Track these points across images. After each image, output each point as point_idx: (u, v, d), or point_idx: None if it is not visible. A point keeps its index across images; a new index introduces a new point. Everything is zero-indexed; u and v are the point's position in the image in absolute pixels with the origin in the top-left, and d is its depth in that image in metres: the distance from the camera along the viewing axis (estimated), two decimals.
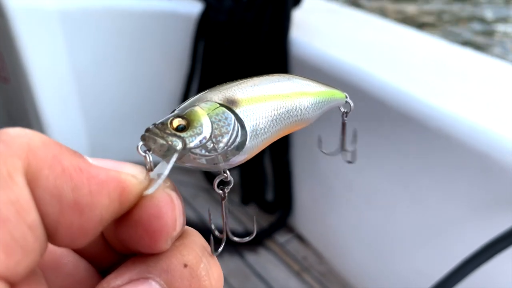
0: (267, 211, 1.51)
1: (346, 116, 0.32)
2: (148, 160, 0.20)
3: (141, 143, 0.21)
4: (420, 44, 1.26)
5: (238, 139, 0.22)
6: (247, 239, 0.25)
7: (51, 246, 0.21)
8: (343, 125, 0.32)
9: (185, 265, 0.19)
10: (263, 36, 1.30)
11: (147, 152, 0.21)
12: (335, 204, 1.31)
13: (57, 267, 0.21)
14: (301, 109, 0.26)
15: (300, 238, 1.45)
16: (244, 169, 1.48)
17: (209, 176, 1.61)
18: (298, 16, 1.32)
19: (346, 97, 0.31)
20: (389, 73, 1.06)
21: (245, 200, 1.55)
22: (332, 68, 1.14)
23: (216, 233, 0.24)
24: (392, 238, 1.14)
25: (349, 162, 0.33)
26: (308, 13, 1.39)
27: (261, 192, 1.51)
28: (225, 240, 0.24)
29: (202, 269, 0.20)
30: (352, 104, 0.31)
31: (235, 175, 1.46)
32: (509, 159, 0.82)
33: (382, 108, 1.02)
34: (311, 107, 0.27)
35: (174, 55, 1.56)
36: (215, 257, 0.22)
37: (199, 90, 1.54)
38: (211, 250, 0.22)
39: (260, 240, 1.45)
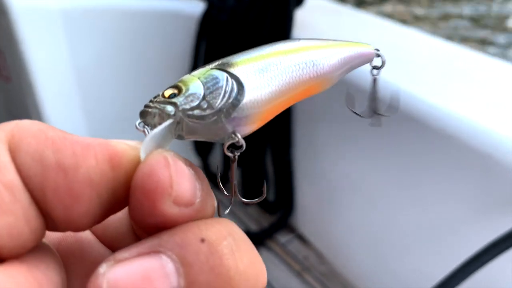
0: (268, 211, 1.51)
1: (378, 73, 0.26)
2: (147, 134, 0.20)
3: (139, 120, 0.21)
4: (423, 44, 1.26)
5: (235, 93, 0.21)
6: (256, 200, 0.24)
7: (77, 236, 0.22)
8: (374, 82, 0.27)
9: (202, 240, 0.18)
10: (265, 35, 1.30)
11: (145, 127, 0.20)
12: (336, 204, 1.31)
13: (82, 256, 0.21)
14: (313, 60, 0.23)
15: (301, 238, 1.45)
16: (245, 169, 1.48)
17: (209, 173, 1.61)
18: (300, 16, 1.32)
19: (378, 50, 0.26)
20: (392, 73, 1.06)
21: (246, 199, 1.55)
22: None
23: (225, 193, 0.24)
24: (394, 239, 1.14)
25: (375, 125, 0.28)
26: (310, 13, 1.39)
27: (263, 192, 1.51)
28: (233, 201, 0.23)
29: (225, 246, 0.18)
30: (384, 58, 0.26)
31: (237, 175, 1.46)
32: (511, 159, 0.82)
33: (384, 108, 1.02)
34: (328, 58, 0.24)
35: (176, 55, 1.56)
36: (251, 243, 0.20)
37: None
38: (217, 212, 0.21)
39: (261, 240, 1.45)
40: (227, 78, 0.21)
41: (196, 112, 0.20)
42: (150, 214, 0.18)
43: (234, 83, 0.21)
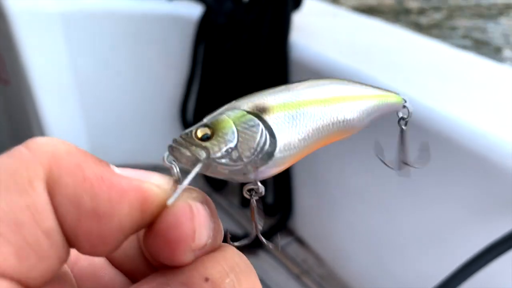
0: (267, 214, 1.51)
1: (405, 124, 0.27)
2: (175, 170, 0.20)
3: (167, 153, 0.21)
4: (420, 47, 1.27)
5: (267, 148, 0.21)
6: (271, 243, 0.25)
7: (90, 258, 0.22)
8: (402, 133, 0.28)
9: (206, 279, 0.19)
10: (263, 39, 1.30)
11: (173, 162, 0.20)
12: (335, 207, 1.31)
13: (94, 278, 0.22)
14: (344, 115, 0.24)
15: (300, 241, 1.45)
16: None
17: (212, 181, 1.60)
18: (298, 19, 1.33)
19: (405, 101, 0.27)
20: (389, 76, 1.07)
21: (245, 202, 1.55)
22: (332, 72, 1.14)
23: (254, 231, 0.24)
24: (392, 241, 1.14)
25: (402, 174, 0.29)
26: (308, 16, 1.39)
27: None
28: (253, 238, 0.24)
29: (227, 284, 0.19)
30: (411, 109, 0.27)
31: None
32: (509, 162, 0.82)
33: None
34: (358, 112, 0.25)
35: (175, 58, 1.56)
36: (254, 273, 0.21)
37: (200, 93, 1.55)
38: (227, 240, 0.22)
39: (260, 243, 1.45)
40: (262, 130, 0.21)
41: (225, 160, 0.21)
42: (167, 258, 0.19)
43: (268, 137, 0.21)
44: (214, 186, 1.59)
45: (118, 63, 1.57)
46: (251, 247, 1.44)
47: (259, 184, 0.22)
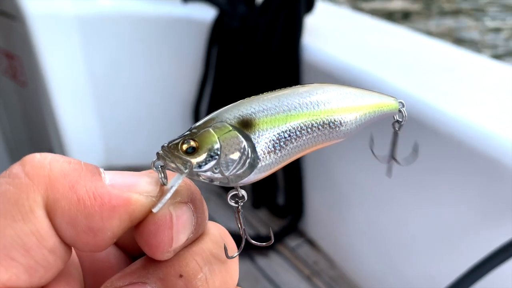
0: (278, 216, 1.52)
1: (399, 128, 0.28)
2: (161, 176, 0.22)
3: (155, 159, 0.22)
4: (432, 49, 1.26)
5: (247, 164, 0.22)
6: (264, 244, 0.25)
7: None
8: (395, 134, 0.28)
9: (181, 276, 0.21)
10: (275, 42, 1.31)
11: (159, 168, 0.22)
12: (346, 209, 1.31)
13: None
14: (333, 128, 0.23)
15: (311, 243, 1.46)
16: None
17: None
18: (310, 22, 1.33)
19: (403, 106, 0.27)
20: (401, 78, 1.07)
21: (256, 204, 1.56)
22: (344, 74, 1.15)
23: (243, 234, 0.24)
24: (403, 243, 1.14)
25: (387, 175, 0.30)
26: (320, 19, 1.40)
27: (272, 196, 1.52)
28: (242, 246, 0.24)
29: (199, 279, 0.21)
30: (406, 114, 0.27)
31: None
32: None
33: None
34: (348, 125, 0.24)
35: (188, 60, 1.58)
36: (227, 263, 0.22)
37: (212, 94, 1.56)
38: (226, 254, 0.23)
39: (271, 244, 1.45)
40: (244, 147, 0.22)
41: (208, 173, 0.22)
42: (149, 254, 0.21)
43: (250, 152, 0.22)
44: (225, 187, 1.60)
45: (132, 65, 1.60)
46: (262, 248, 1.45)
47: (239, 189, 0.23)
